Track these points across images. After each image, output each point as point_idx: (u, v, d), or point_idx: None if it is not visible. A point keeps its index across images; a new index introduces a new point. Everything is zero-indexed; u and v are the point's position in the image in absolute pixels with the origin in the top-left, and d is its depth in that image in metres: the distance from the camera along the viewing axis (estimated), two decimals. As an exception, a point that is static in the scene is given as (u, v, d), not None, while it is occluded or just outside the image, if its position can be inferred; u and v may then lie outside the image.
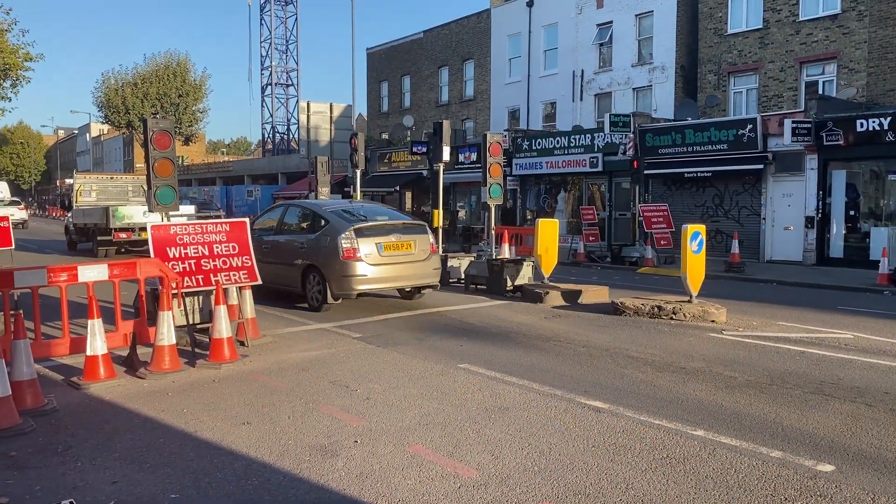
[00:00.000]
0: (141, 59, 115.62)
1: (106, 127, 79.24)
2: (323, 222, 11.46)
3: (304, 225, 12.11)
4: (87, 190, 25.18)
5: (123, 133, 72.36)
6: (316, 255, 11.19)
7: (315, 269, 11.19)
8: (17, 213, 40.20)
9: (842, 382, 7.02)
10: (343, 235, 10.79)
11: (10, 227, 13.68)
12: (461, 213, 33.52)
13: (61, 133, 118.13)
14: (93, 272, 7.67)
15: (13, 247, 13.55)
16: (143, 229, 20.30)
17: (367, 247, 10.82)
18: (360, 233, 10.90)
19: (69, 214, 25.67)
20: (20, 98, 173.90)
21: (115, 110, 59.90)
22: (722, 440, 5.30)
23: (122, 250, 22.59)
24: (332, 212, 11.66)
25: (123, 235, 21.67)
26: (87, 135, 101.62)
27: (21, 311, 6.54)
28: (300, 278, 11.51)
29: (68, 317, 7.94)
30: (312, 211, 11.99)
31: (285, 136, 56.74)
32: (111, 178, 28.98)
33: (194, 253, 8.50)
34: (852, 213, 19.39)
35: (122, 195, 25.05)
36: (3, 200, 44.01)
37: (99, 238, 22.09)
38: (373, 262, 10.86)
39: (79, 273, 7.54)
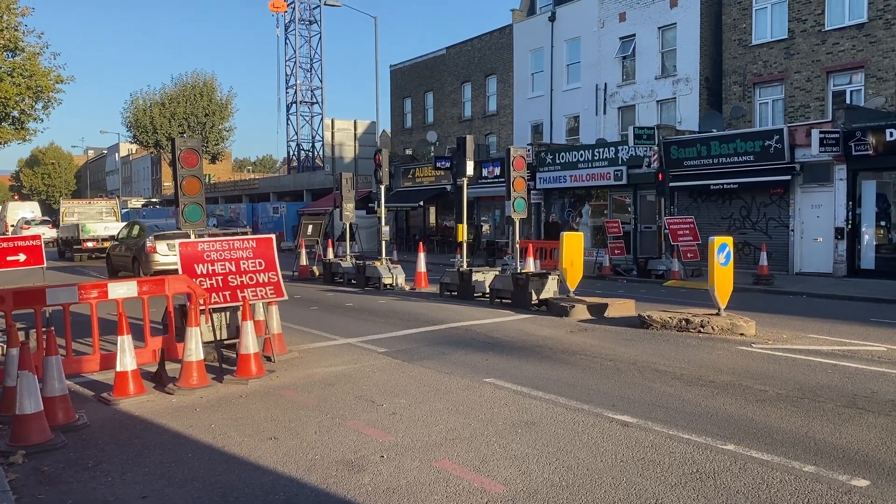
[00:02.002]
0: (168, 79, 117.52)
1: (134, 146, 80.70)
2: (140, 231, 20.34)
3: (135, 233, 20.62)
4: (71, 212, 34.09)
5: (151, 152, 73.59)
6: (137, 250, 19.35)
7: (135, 258, 19.31)
8: (48, 233, 41.07)
9: (876, 396, 6.88)
10: (148, 239, 18.82)
11: (43, 245, 13.97)
12: (485, 228, 33.52)
13: (91, 153, 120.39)
14: (122, 289, 7.79)
15: (45, 265, 13.86)
16: (105, 240, 27.72)
17: (161, 246, 18.32)
18: (157, 238, 18.59)
19: (57, 230, 33.50)
20: (51, 119, 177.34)
21: (144, 130, 61.00)
22: (753, 454, 5.22)
23: (93, 256, 28.91)
24: (147, 227, 20.53)
25: (90, 244, 28.48)
26: (116, 154, 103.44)
27: (53, 328, 6.66)
28: (130, 262, 19.69)
29: (98, 333, 8.06)
30: (139, 226, 20.96)
31: (310, 154, 57.21)
32: (89, 202, 38.37)
33: (221, 269, 8.59)
34: (883, 223, 19.06)
35: (97, 215, 33.49)
36: (34, 220, 44.90)
37: (74, 247, 29.09)
38: (164, 253, 18.18)
39: (108, 290, 7.66)
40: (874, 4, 21.66)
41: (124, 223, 25.32)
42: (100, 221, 31.34)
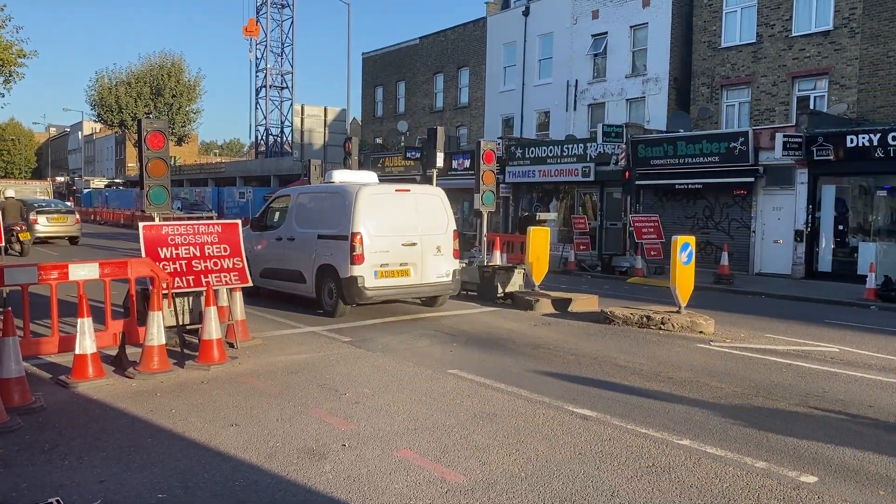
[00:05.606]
0: (136, 58, 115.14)
1: (98, 125, 79.12)
2: (24, 207, 25.25)
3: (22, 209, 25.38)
4: (3, 190, 38.88)
5: (116, 132, 72.27)
6: (25, 222, 23.88)
7: (23, 228, 23.82)
8: None
9: (827, 395, 7.09)
10: (31, 214, 24.70)
11: (1, 224, 13.70)
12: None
13: (53, 130, 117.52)
14: (83, 271, 7.66)
15: (3, 244, 13.58)
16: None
17: (42, 218, 25.21)
18: (38, 213, 25.21)
19: None
20: (12, 94, 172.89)
21: (109, 109, 59.88)
22: (707, 450, 5.35)
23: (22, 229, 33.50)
24: (32, 202, 26.58)
25: None
26: (80, 133, 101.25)
27: (10, 309, 6.54)
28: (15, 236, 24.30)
29: (58, 315, 7.92)
30: (24, 203, 25.68)
31: (279, 139, 56.67)
32: (24, 183, 47.66)
33: (185, 253, 8.50)
34: (841, 227, 19.51)
35: (31, 194, 36.87)
36: None
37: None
38: (43, 224, 25.18)
39: (69, 271, 7.52)
40: (840, 13, 22.10)
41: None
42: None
